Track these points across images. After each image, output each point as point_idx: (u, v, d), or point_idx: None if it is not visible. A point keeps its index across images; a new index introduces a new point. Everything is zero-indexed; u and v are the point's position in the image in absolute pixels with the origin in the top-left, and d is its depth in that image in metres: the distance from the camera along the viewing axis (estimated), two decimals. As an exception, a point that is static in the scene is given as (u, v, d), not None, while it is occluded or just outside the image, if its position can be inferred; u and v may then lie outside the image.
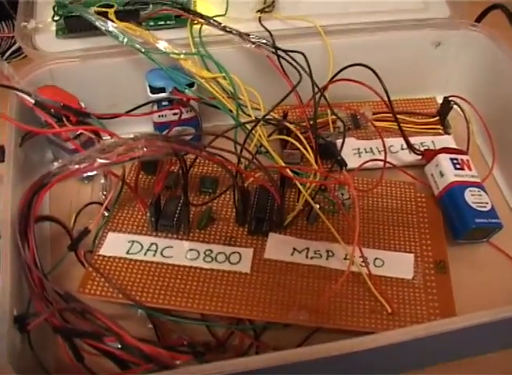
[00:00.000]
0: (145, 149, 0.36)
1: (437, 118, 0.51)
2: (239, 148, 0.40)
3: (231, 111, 0.43)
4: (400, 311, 0.38)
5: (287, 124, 0.43)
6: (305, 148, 0.41)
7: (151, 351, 0.31)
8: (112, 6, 0.47)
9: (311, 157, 0.40)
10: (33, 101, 0.40)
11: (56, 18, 0.47)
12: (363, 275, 0.39)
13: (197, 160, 0.45)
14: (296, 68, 0.43)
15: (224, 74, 0.43)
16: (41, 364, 0.35)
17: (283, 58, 0.44)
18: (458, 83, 0.53)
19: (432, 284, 0.40)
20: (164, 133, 0.46)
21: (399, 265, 0.41)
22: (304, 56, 0.43)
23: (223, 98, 0.43)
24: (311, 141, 0.42)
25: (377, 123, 0.50)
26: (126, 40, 0.43)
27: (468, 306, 0.38)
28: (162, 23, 0.48)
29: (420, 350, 0.35)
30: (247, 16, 0.49)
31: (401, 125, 0.48)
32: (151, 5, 0.47)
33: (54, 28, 0.47)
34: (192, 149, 0.38)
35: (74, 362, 0.34)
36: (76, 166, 0.36)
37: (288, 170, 0.40)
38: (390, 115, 0.48)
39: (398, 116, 0.48)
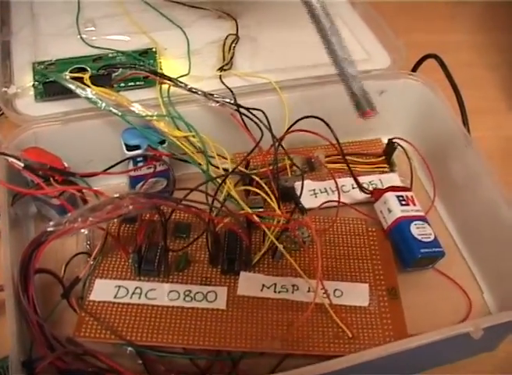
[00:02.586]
0: (130, 207, 0.43)
1: (383, 157, 0.59)
2: (210, 198, 0.47)
3: (200, 164, 0.50)
4: (359, 335, 0.45)
5: (251, 175, 0.50)
6: (267, 194, 0.49)
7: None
8: (84, 70, 0.54)
9: (273, 203, 0.48)
10: (22, 165, 0.46)
11: (35, 83, 0.54)
12: (325, 305, 0.46)
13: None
14: (257, 124, 0.50)
15: (194, 133, 0.50)
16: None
17: (245, 115, 0.52)
18: (400, 125, 0.61)
19: (386, 310, 0.47)
20: (139, 185, 0.53)
21: (356, 294, 0.48)
22: (264, 113, 0.51)
23: (193, 153, 0.50)
24: (272, 185, 0.50)
25: (330, 165, 0.57)
26: (103, 105, 0.49)
27: (419, 326, 0.46)
28: (132, 84, 0.54)
29: (376, 369, 0.43)
30: (208, 73, 0.56)
31: (351, 165, 0.56)
32: (120, 69, 0.54)
33: (32, 92, 0.53)
34: (171, 203, 0.46)
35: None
36: (70, 225, 0.43)
37: (254, 216, 0.48)
38: (341, 157, 0.56)
39: (348, 157, 0.57)
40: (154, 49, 0.58)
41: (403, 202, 0.53)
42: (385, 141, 0.60)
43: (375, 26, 0.63)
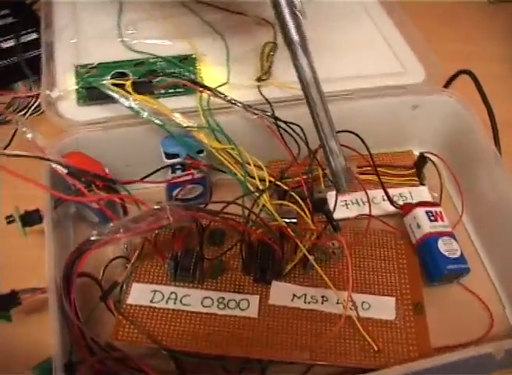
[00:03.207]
0: (171, 219, 0.45)
1: (413, 170, 0.60)
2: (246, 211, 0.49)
3: (235, 174, 0.52)
4: (384, 349, 0.47)
5: (286, 190, 0.52)
6: (301, 207, 0.51)
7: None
8: (125, 74, 0.56)
9: (307, 218, 0.49)
10: (65, 171, 0.48)
11: (77, 87, 0.55)
12: (353, 317, 0.48)
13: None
14: (295, 139, 0.52)
15: (232, 146, 0.52)
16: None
17: (283, 129, 0.53)
18: (432, 140, 0.63)
19: (411, 324, 0.49)
20: (176, 190, 0.55)
21: (383, 307, 0.50)
22: (301, 128, 0.53)
23: (230, 164, 0.52)
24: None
25: (361, 176, 0.59)
26: (145, 114, 0.51)
27: (442, 339, 0.49)
28: (172, 91, 0.56)
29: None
30: (247, 82, 0.57)
31: (382, 177, 0.58)
32: (161, 76, 0.56)
33: (74, 96, 0.55)
34: (208, 216, 0.48)
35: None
36: (113, 235, 0.45)
37: (287, 228, 0.50)
38: (372, 168, 0.58)
39: (379, 169, 0.58)
40: (194, 56, 0.59)
41: (432, 218, 0.55)
42: (417, 153, 0.62)
43: (410, 36, 0.64)
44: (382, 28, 0.66)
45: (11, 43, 0.65)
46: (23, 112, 0.63)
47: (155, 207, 0.45)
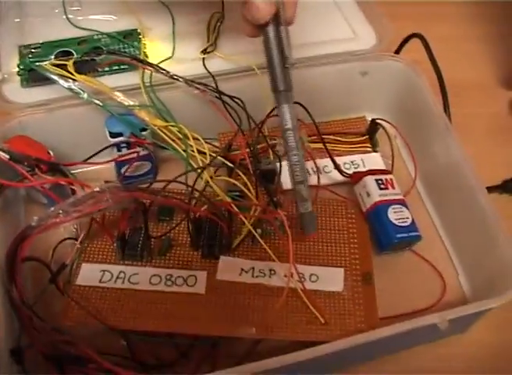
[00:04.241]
0: (110, 201, 0.46)
1: (366, 137, 0.61)
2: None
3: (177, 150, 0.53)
4: (331, 321, 0.48)
5: (229, 164, 0.53)
6: (246, 185, 0.52)
7: None
8: (69, 53, 0.56)
9: (251, 194, 0.50)
10: (8, 157, 0.49)
11: (20, 70, 0.56)
12: (299, 290, 0.49)
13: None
14: (237, 113, 0.53)
15: (173, 123, 0.52)
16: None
17: (226, 103, 0.54)
18: (383, 106, 0.63)
19: (359, 295, 0.50)
20: (124, 168, 0.56)
21: (331, 279, 0.51)
22: (242, 102, 0.53)
23: (173, 140, 0.52)
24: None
25: (313, 145, 0.59)
26: (85, 96, 0.52)
27: (392, 308, 0.51)
28: (116, 67, 0.56)
29: (342, 356, 0.46)
30: (192, 55, 0.58)
31: (333, 145, 0.59)
32: (104, 55, 0.56)
33: (18, 78, 0.56)
34: (150, 196, 0.48)
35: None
36: (54, 220, 0.46)
37: (233, 205, 0.51)
38: (326, 137, 0.58)
39: (331, 137, 0.59)
40: (138, 30, 0.59)
41: (382, 186, 0.55)
42: (370, 119, 0.62)
43: (364, 3, 0.64)
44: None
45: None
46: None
47: (95, 190, 0.46)
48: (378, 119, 0.60)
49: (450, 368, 0.51)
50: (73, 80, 0.52)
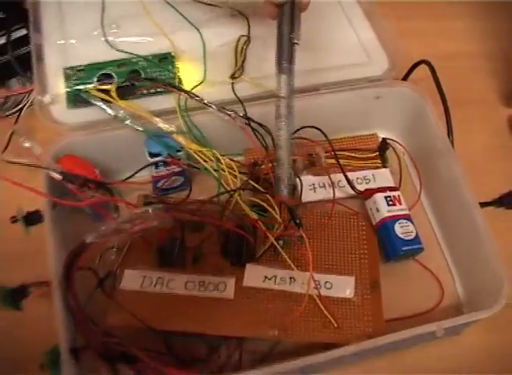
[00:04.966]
0: (155, 222, 0.54)
1: (377, 154, 0.68)
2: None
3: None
4: (343, 325, 0.57)
5: (255, 185, 0.61)
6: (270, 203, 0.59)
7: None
8: (110, 76, 0.63)
9: (275, 213, 0.58)
10: (60, 177, 0.56)
11: (66, 90, 0.63)
12: (315, 297, 0.57)
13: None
14: (263, 137, 0.61)
15: (207, 148, 0.59)
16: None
17: (252, 127, 0.61)
18: (394, 127, 0.71)
19: (368, 301, 0.58)
20: (161, 182, 0.63)
21: (343, 286, 0.59)
22: (268, 129, 0.60)
23: (206, 161, 0.60)
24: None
25: (329, 160, 0.66)
26: (128, 122, 0.59)
27: (396, 311, 0.59)
28: (153, 91, 0.63)
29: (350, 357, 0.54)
30: (222, 78, 0.65)
31: (347, 160, 0.66)
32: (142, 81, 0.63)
33: (64, 99, 0.62)
34: (186, 215, 0.56)
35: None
36: (106, 238, 0.53)
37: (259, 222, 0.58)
38: (340, 152, 0.66)
39: (345, 153, 0.67)
40: (172, 53, 0.66)
41: (390, 202, 0.63)
42: (382, 135, 0.70)
43: (378, 26, 0.71)
44: (351, 17, 0.72)
45: (2, 40, 0.71)
46: (17, 108, 0.71)
47: (141, 212, 0.54)
48: (388, 138, 0.67)
49: (444, 366, 0.59)
50: (117, 105, 0.60)
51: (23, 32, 0.71)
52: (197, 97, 0.61)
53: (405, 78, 0.68)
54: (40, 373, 0.51)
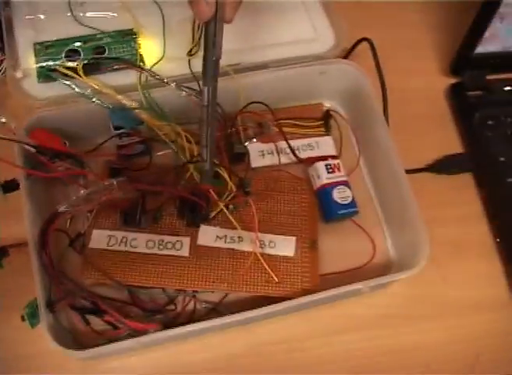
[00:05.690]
0: (120, 193, 0.62)
1: (321, 122, 0.76)
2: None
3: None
4: (283, 280, 0.66)
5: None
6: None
7: (133, 325, 0.60)
8: (76, 51, 0.70)
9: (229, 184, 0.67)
10: (34, 150, 0.64)
11: (36, 66, 0.69)
12: (259, 255, 0.67)
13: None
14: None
15: (167, 123, 0.67)
16: (65, 330, 0.63)
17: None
18: (336, 98, 0.79)
19: (306, 259, 0.68)
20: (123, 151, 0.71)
21: (285, 245, 0.68)
22: (220, 105, 0.67)
23: (165, 135, 0.68)
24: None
25: (276, 129, 0.74)
26: (94, 99, 0.66)
27: (332, 266, 0.69)
28: (117, 67, 0.70)
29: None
30: (180, 54, 0.71)
31: (294, 128, 0.74)
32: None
33: (35, 74, 0.69)
34: (150, 187, 0.64)
35: (84, 326, 0.62)
36: (76, 208, 0.62)
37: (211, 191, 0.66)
38: (288, 121, 0.74)
39: (291, 121, 0.75)
40: (134, 30, 0.72)
41: (330, 170, 0.71)
42: (327, 105, 0.78)
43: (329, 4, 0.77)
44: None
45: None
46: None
47: (107, 184, 0.62)
48: (331, 109, 0.76)
49: (375, 313, 0.70)
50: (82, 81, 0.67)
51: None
52: (157, 75, 0.68)
53: (348, 54, 0.76)
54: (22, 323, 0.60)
